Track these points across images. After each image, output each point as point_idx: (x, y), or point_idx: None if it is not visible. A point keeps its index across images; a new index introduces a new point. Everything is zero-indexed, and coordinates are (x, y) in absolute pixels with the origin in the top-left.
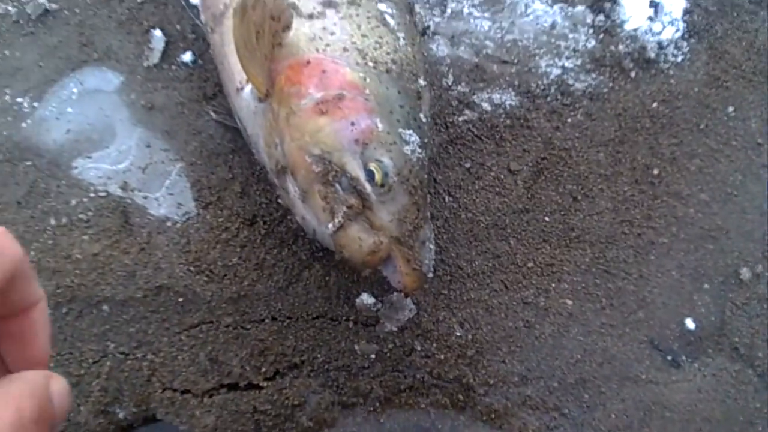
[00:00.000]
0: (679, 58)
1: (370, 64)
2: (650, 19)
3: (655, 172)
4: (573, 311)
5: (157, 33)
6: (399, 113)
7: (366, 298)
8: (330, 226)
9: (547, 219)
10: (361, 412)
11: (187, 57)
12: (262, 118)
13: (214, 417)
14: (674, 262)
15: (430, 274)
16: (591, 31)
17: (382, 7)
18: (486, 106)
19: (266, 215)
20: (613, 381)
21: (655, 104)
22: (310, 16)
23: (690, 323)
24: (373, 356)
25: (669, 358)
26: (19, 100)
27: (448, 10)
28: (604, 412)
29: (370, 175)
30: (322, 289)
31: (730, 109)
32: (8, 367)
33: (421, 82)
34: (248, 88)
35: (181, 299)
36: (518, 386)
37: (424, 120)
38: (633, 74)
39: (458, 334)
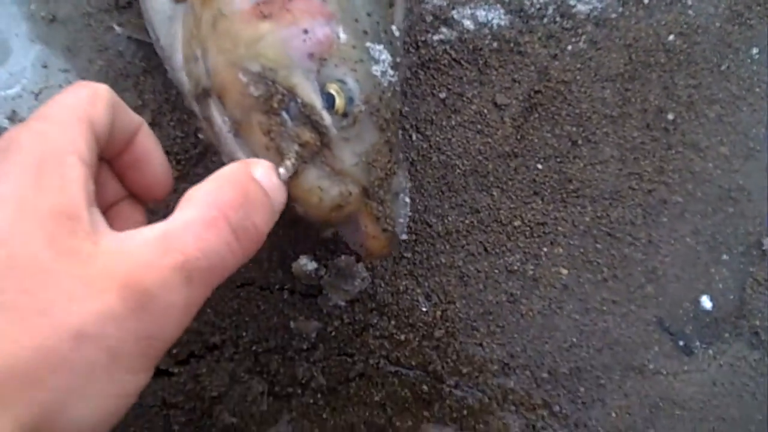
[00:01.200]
0: None
1: None
2: None
3: (670, 117)
4: (568, 283)
5: None
6: (366, 22)
7: (305, 262)
8: (281, 171)
9: (539, 166)
10: (298, 405)
11: None
12: (179, 24)
13: None
14: (689, 226)
15: (404, 236)
16: None
17: None
18: (468, 24)
19: (181, 153)
20: (615, 371)
21: (671, 37)
22: None
23: (706, 302)
24: (314, 336)
25: (681, 343)
26: None
27: None
28: (603, 409)
29: (329, 100)
30: None
31: (755, 51)
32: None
33: None
34: None
35: None
36: (498, 377)
37: (396, 34)
38: (646, 0)
39: (424, 309)
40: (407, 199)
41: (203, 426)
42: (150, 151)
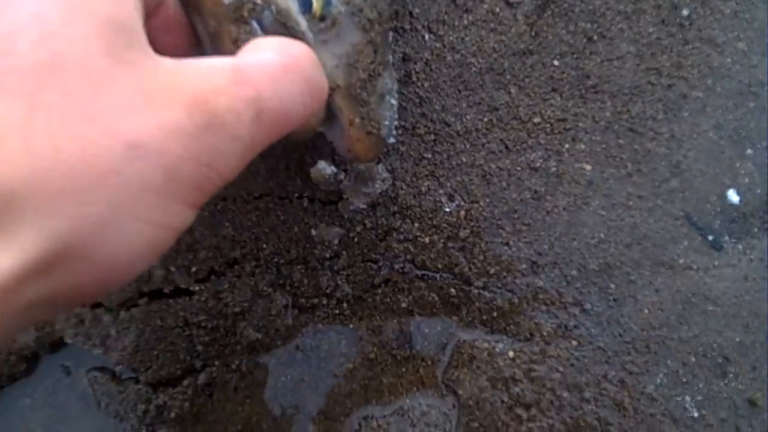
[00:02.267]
0: None
1: None
2: None
3: (685, 12)
4: (593, 178)
5: None
6: None
7: (324, 167)
8: None
9: (556, 63)
10: (324, 316)
11: None
12: None
13: (134, 335)
14: (711, 121)
15: (392, 140)
16: None
17: None
18: None
19: None
20: (645, 267)
21: None
22: None
23: (733, 196)
24: (336, 243)
25: (710, 238)
26: None
27: None
28: (635, 306)
29: (305, 4)
30: (264, 159)
31: None
32: None
33: None
34: None
35: None
36: (526, 276)
37: None
38: None
39: (447, 209)
40: (393, 101)
41: (227, 344)
42: (177, 17)
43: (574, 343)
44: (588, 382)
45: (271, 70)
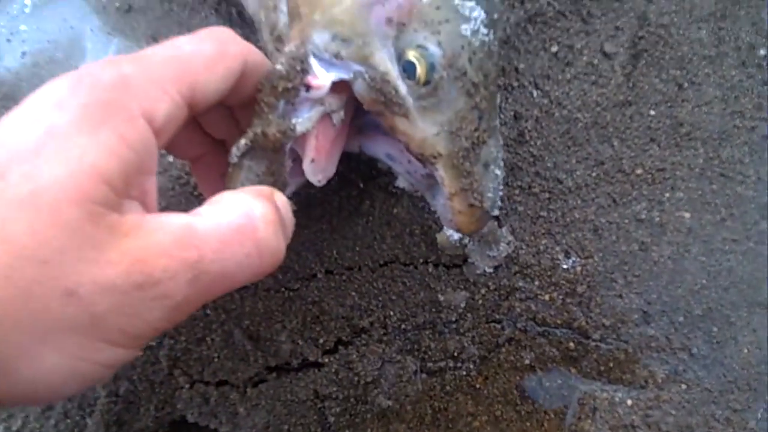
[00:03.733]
0: None
1: None
2: None
3: (762, 53)
4: (692, 226)
5: None
6: None
7: (451, 233)
8: (233, 149)
9: (652, 113)
10: (452, 378)
11: None
12: None
13: (264, 411)
14: None
15: (495, 212)
16: None
17: None
18: None
19: None
20: (742, 308)
21: None
22: None
23: None
24: (462, 306)
25: None
26: None
27: None
28: (736, 346)
29: (409, 68)
30: (390, 226)
31: None
32: None
33: None
34: None
35: None
36: (639, 326)
37: None
38: None
39: (565, 266)
40: (498, 171)
41: (358, 413)
42: None
43: (684, 386)
44: (698, 423)
45: (221, 233)
